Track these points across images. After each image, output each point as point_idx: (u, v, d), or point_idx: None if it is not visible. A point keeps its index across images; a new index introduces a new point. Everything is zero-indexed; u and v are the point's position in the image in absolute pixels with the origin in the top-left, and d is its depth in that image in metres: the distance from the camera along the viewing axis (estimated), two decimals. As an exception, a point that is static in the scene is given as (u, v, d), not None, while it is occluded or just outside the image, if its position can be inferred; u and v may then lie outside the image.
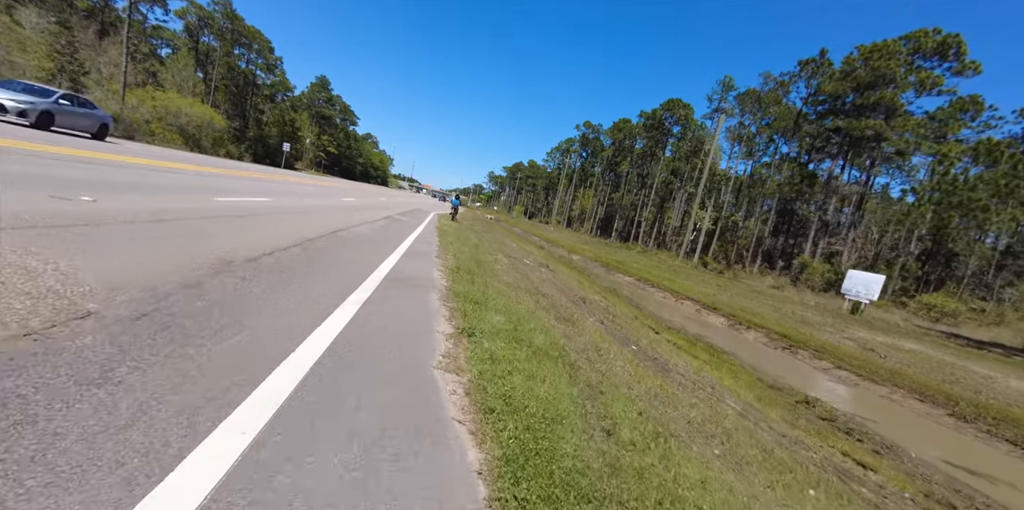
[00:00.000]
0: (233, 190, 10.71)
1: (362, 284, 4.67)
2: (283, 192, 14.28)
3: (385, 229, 10.67)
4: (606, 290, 14.65)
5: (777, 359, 10.70)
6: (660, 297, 18.65)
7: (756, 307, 17.14)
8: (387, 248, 7.65)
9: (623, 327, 8.00)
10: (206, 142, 50.49)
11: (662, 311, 15.49)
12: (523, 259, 14.51)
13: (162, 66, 56.56)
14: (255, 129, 69.36)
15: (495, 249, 13.73)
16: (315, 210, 11.15)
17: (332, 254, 5.79)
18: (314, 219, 9.12)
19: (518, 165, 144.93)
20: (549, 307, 6.72)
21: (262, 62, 68.69)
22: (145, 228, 4.42)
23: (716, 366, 8.08)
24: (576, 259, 31.96)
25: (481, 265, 8.53)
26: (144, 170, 9.68)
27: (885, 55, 27.04)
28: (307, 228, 7.43)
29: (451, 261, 7.85)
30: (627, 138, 72.50)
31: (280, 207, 9.60)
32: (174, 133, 44.63)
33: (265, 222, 7.02)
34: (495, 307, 4.88)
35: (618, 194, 77.27)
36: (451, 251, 9.48)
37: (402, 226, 12.72)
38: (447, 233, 13.76)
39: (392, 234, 10.09)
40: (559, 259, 23.98)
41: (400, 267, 6.09)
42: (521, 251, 18.41)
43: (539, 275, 11.28)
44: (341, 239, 7.24)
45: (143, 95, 45.97)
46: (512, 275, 8.77)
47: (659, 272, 26.21)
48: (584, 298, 9.61)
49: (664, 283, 20.68)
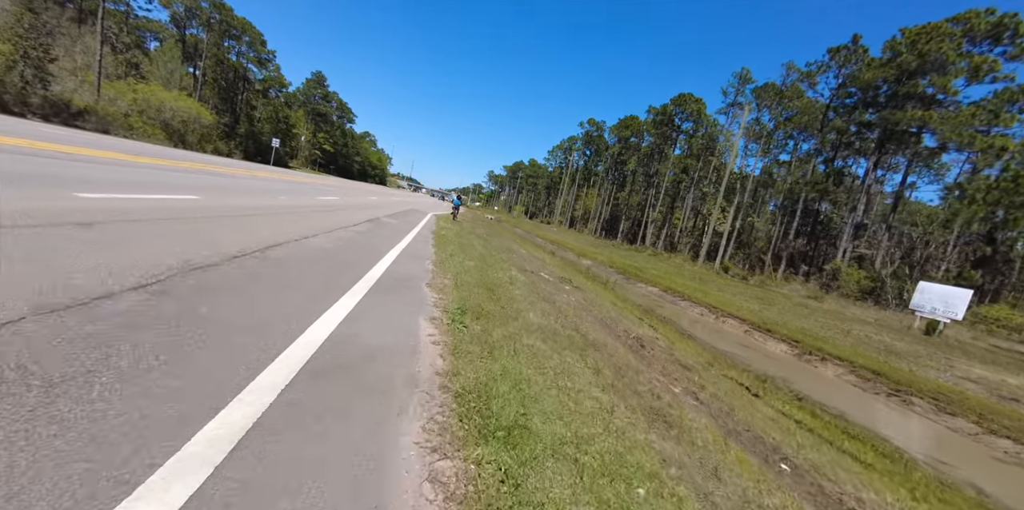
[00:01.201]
0: (136, 183, 7.89)
1: (235, 399, 1.87)
2: (237, 189, 11.46)
3: (359, 239, 7.85)
4: (654, 317, 11.80)
5: (896, 416, 7.94)
6: (696, 314, 15.85)
7: (814, 327, 14.32)
8: (348, 275, 4.84)
9: (733, 408, 5.17)
10: (192, 138, 47.84)
11: (708, 334, 12.70)
12: (540, 272, 11.71)
13: (146, 58, 53.78)
14: (246, 125, 66.64)
15: (505, 260, 10.95)
16: (268, 212, 8.35)
17: (218, 304, 2.98)
18: (254, 226, 6.33)
19: (518, 164, 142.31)
20: (619, 382, 3.93)
21: (253, 55, 65.87)
22: None
23: (845, 448, 5.35)
24: (587, 264, 29.14)
25: (495, 293, 5.78)
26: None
27: (935, 37, 24.16)
28: (226, 241, 4.66)
29: (452, 293, 5.07)
30: (634, 135, 69.58)
31: (207, 209, 6.79)
32: (156, 128, 41.94)
33: (155, 232, 4.26)
34: (549, 440, 2.12)
35: (623, 193, 74.42)
36: (451, 270, 6.72)
37: (387, 233, 9.91)
38: (446, 240, 10.99)
39: (369, 246, 7.29)
40: (573, 267, 21.20)
41: (357, 322, 3.30)
42: (534, 260, 15.61)
43: (567, 299, 8.48)
44: (269, 263, 4.42)
45: (123, 87, 43.27)
46: (539, 308, 6.00)
47: (682, 280, 23.40)
48: (640, 338, 6.82)
49: (696, 295, 17.88)
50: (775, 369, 9.57)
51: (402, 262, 6.52)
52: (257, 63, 67.59)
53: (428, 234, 11.93)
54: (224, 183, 11.69)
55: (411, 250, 8.03)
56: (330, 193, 18.09)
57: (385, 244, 7.97)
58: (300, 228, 7.08)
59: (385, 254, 6.83)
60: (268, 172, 23.80)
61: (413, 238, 10.01)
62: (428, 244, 9.66)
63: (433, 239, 10.86)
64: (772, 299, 19.90)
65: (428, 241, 10.21)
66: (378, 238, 8.57)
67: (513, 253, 14.91)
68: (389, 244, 8.08)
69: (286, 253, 5.04)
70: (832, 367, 10.31)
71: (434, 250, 8.83)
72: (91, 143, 13.07)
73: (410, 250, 8.00)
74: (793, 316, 15.77)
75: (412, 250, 8.07)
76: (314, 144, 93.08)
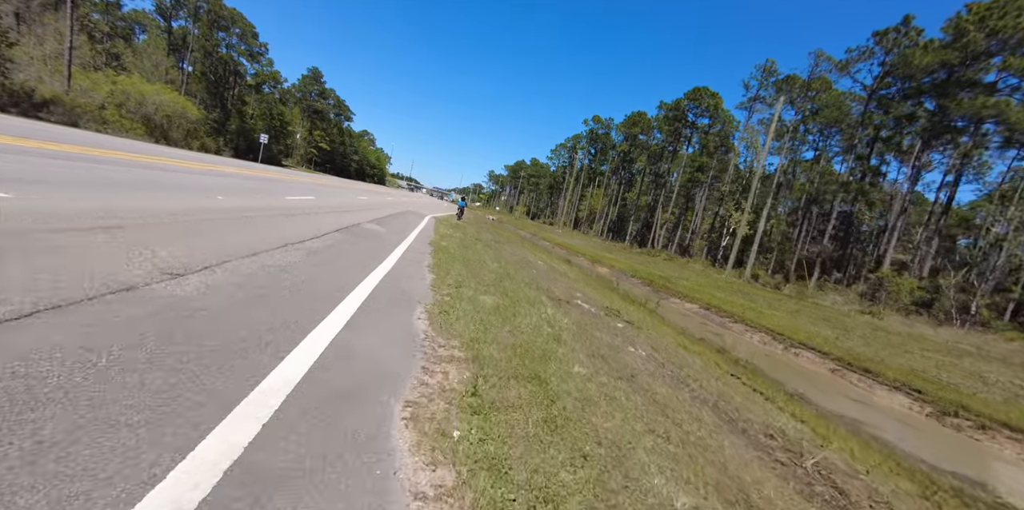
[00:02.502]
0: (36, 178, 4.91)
1: None
2: (146, 185, 8.48)
3: (304, 268, 4.82)
4: (779, 390, 8.69)
5: None
6: (757, 342, 12.85)
7: (922, 365, 11.31)
8: (257, 368, 1.87)
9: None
10: (176, 134, 44.77)
11: (787, 375, 9.72)
12: (574, 299, 8.73)
13: (129, 49, 50.79)
14: (237, 121, 63.55)
15: (528, 283, 8.02)
16: (186, 219, 5.37)
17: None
18: (116, 246, 3.40)
19: (520, 163, 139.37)
20: None
21: (245, 48, 62.79)
22: None
23: None
24: (605, 272, 26.17)
25: (545, 382, 2.89)
26: None
27: (1011, 11, 21.03)
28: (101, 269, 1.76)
29: (472, 426, 2.15)
30: (643, 132, 66.49)
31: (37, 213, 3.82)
32: (135, 122, 38.86)
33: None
34: None
35: (632, 193, 71.31)
36: (460, 320, 3.82)
37: (362, 251, 6.91)
38: (449, 256, 8.05)
39: (314, 284, 4.29)
40: (603, 283, 18.21)
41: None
42: (557, 276, 12.61)
43: (635, 356, 5.50)
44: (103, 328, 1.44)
45: (101, 79, 40.27)
46: (629, 404, 3.07)
47: (721, 294, 20.43)
48: (797, 454, 3.86)
49: (747, 315, 14.89)
50: (933, 450, 6.58)
51: (373, 316, 3.56)
52: (249, 57, 64.56)
53: (424, 247, 8.95)
54: (138, 178, 8.70)
55: (394, 281, 5.07)
56: (307, 192, 15.08)
57: (352, 273, 4.97)
58: (215, 247, 4.12)
59: (345, 297, 3.86)
60: (239, 168, 20.94)
61: (402, 256, 7.03)
62: (423, 265, 6.69)
63: (431, 255, 7.89)
64: (838, 320, 16.85)
65: (423, 260, 7.23)
66: (343, 261, 5.58)
67: (531, 268, 11.92)
68: (359, 272, 5.10)
69: (98, 318, 2.09)
70: (1010, 445, 7.28)
71: (431, 277, 5.87)
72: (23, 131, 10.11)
73: (393, 281, 5.04)
74: (881, 346, 12.74)
75: (396, 281, 5.10)
76: (310, 142, 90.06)
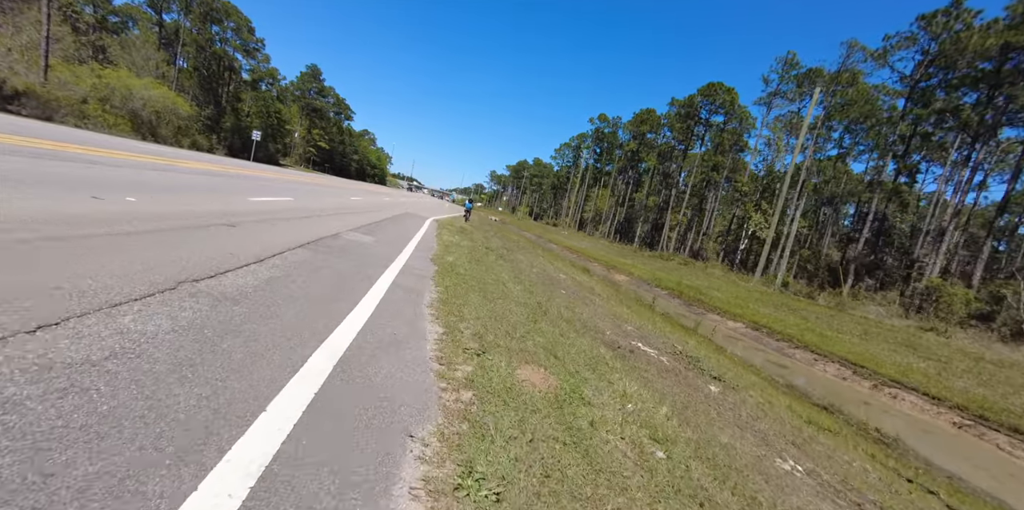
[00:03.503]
0: None
1: None
2: (63, 182, 6.14)
3: (221, 317, 2.48)
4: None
5: None
6: (833, 375, 10.45)
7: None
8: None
9: None
10: (166, 131, 42.39)
11: (908, 435, 7.38)
12: (625, 332, 6.37)
13: (116, 41, 48.56)
14: (232, 119, 61.18)
15: (564, 315, 5.71)
16: (35, 234, 3.08)
17: None
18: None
19: (522, 163, 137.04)
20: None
21: (240, 43, 60.51)
22: None
23: None
24: (624, 281, 23.81)
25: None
26: None
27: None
28: None
29: None
30: (652, 131, 64.06)
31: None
32: (119, 118, 36.48)
33: None
34: None
35: (640, 194, 68.85)
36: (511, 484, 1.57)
37: (338, 274, 4.53)
38: (456, 278, 5.73)
39: (225, 364, 2.00)
40: (624, 293, 15.82)
41: None
42: (588, 293, 10.24)
43: (800, 487, 3.16)
44: None
45: (84, 71, 37.97)
46: None
47: (756, 306, 18.05)
48: None
49: (807, 339, 12.50)
50: None
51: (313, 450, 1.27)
52: (244, 52, 62.28)
53: (424, 266, 6.61)
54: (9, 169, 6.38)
55: (369, 361, 2.75)
56: (285, 192, 12.67)
57: (288, 345, 2.63)
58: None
59: (277, 394, 1.57)
60: (208, 164, 18.71)
61: (392, 284, 4.70)
62: (421, 303, 4.35)
63: (434, 281, 5.55)
64: (912, 342, 14.40)
65: (422, 291, 4.88)
66: (286, 311, 3.23)
67: (558, 286, 9.56)
68: (305, 338, 2.76)
69: None
70: None
71: (436, 330, 3.57)
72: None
73: (367, 361, 2.73)
74: (1000, 385, 10.32)
75: (371, 360, 2.79)
76: (309, 141, 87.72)
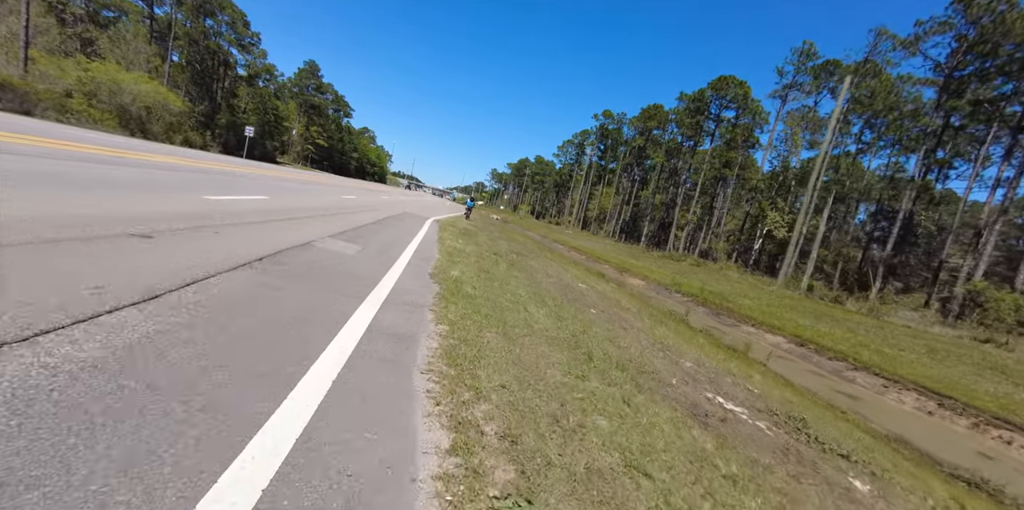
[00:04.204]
0: None
1: None
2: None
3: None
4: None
5: None
6: (912, 407, 8.83)
7: None
8: None
9: None
10: (157, 127, 40.57)
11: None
12: (695, 379, 4.74)
13: (104, 34, 46.83)
14: (227, 116, 59.29)
15: (612, 355, 4.11)
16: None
17: None
18: None
19: (524, 161, 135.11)
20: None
21: (235, 37, 58.66)
22: None
23: None
24: (640, 285, 22.18)
25: None
26: None
27: None
28: None
29: None
30: (659, 127, 62.25)
31: None
32: (106, 113, 34.73)
33: None
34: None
35: (646, 191, 67.07)
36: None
37: (294, 306, 2.94)
38: (465, 303, 4.14)
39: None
40: (651, 303, 14.17)
41: None
42: (619, 309, 8.61)
43: None
44: None
45: (70, 65, 36.19)
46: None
47: (792, 315, 16.40)
48: None
49: (866, 357, 10.88)
50: None
51: None
52: (239, 47, 60.41)
53: (421, 285, 4.98)
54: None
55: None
56: (259, 190, 10.93)
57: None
58: None
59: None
60: (179, 158, 17.12)
61: (369, 329, 3.10)
62: (411, 368, 2.76)
63: (434, 313, 3.95)
64: (990, 362, 12.76)
65: (415, 342, 3.28)
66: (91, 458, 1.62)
67: (583, 302, 7.92)
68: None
69: None
70: None
71: (426, 422, 1.98)
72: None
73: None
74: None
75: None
76: (307, 138, 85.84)
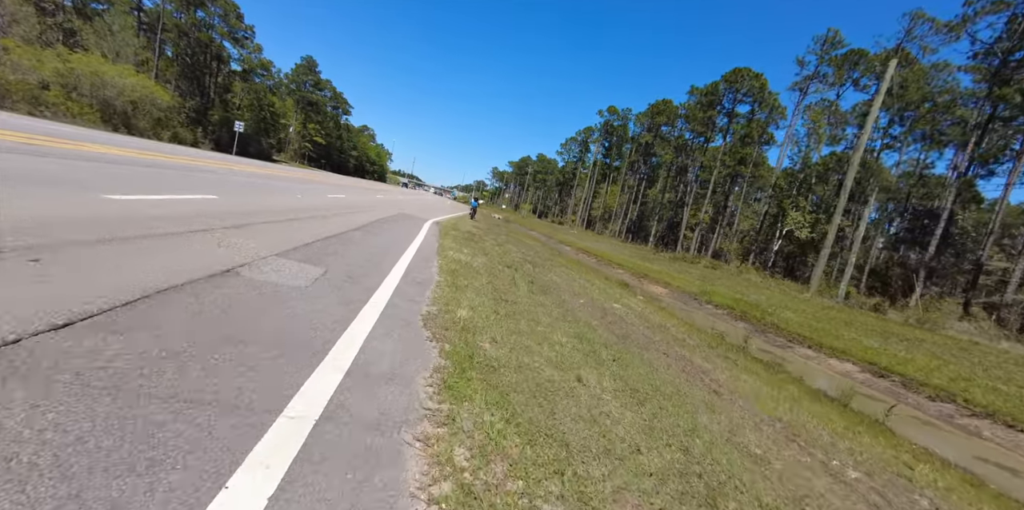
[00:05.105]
0: None
1: None
2: None
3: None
4: None
5: None
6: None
7: None
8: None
9: None
10: (143, 122, 38.23)
11: None
12: None
13: (88, 26, 44.62)
14: (220, 111, 56.96)
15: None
16: None
17: None
18: None
19: (526, 159, 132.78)
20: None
21: (227, 30, 56.33)
22: None
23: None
24: (662, 294, 20.07)
25: None
26: None
27: None
28: None
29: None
30: (668, 123, 59.99)
31: None
32: (86, 106, 32.50)
33: None
34: None
35: (653, 190, 64.92)
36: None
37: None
38: (484, 412, 2.12)
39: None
40: (681, 318, 12.07)
41: None
42: (683, 349, 6.52)
43: None
44: None
45: (49, 56, 33.95)
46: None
47: (848, 332, 14.32)
48: None
49: (985, 401, 8.80)
50: None
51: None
52: (232, 40, 58.08)
53: (406, 354, 2.94)
54: None
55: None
56: (211, 188, 8.59)
57: None
58: None
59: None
60: (130, 150, 15.03)
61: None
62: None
63: (432, 411, 1.89)
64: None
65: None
66: None
67: (633, 337, 5.83)
68: None
69: None
70: None
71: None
72: None
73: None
74: None
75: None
76: (304, 136, 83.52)
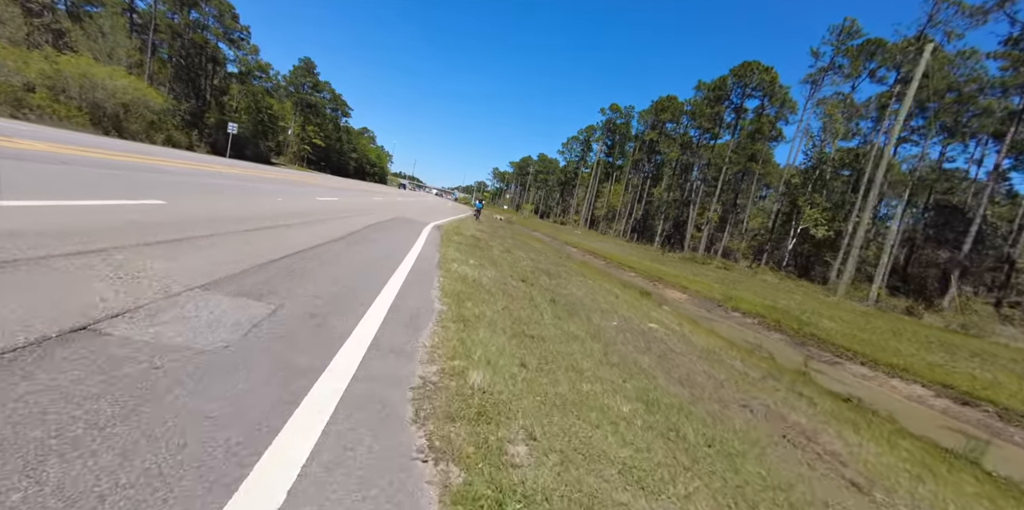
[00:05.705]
0: None
1: None
2: None
3: None
4: None
5: None
6: None
7: None
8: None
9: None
10: (135, 126, 36.96)
11: None
12: None
13: (78, 27, 43.50)
14: (216, 114, 55.72)
15: None
16: None
17: None
18: None
19: (527, 159, 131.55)
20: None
21: (222, 31, 55.17)
22: None
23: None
24: (681, 300, 18.79)
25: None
26: None
27: None
28: None
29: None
30: (672, 120, 58.66)
31: None
32: (74, 109, 31.27)
33: None
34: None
35: (658, 189, 63.60)
36: None
37: None
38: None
39: None
40: (733, 343, 10.79)
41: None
42: (758, 402, 5.24)
43: None
44: None
45: (35, 57, 32.75)
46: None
47: (897, 343, 13.00)
48: None
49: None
50: None
51: None
52: (228, 41, 56.92)
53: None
54: None
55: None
56: (162, 192, 6.90)
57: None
58: None
59: None
60: (81, 149, 13.82)
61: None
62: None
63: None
64: None
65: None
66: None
67: (694, 381, 4.54)
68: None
69: None
70: None
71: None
72: None
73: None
74: None
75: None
76: (303, 138, 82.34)
